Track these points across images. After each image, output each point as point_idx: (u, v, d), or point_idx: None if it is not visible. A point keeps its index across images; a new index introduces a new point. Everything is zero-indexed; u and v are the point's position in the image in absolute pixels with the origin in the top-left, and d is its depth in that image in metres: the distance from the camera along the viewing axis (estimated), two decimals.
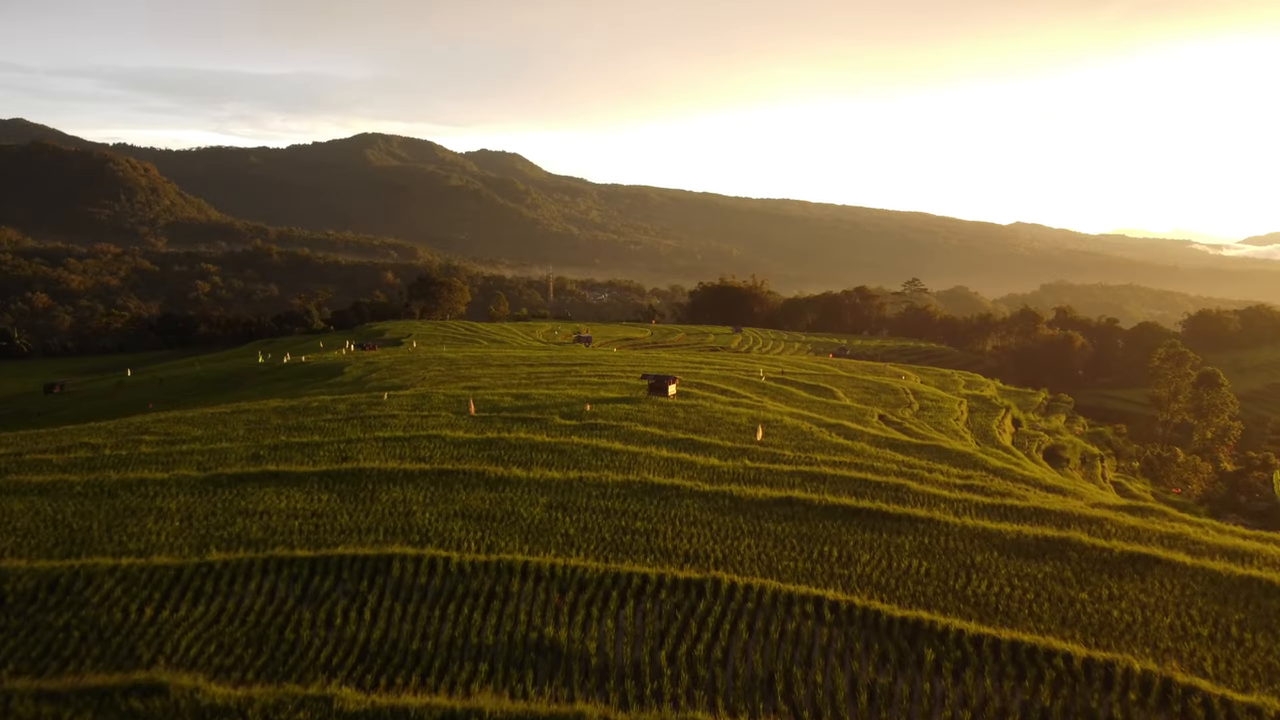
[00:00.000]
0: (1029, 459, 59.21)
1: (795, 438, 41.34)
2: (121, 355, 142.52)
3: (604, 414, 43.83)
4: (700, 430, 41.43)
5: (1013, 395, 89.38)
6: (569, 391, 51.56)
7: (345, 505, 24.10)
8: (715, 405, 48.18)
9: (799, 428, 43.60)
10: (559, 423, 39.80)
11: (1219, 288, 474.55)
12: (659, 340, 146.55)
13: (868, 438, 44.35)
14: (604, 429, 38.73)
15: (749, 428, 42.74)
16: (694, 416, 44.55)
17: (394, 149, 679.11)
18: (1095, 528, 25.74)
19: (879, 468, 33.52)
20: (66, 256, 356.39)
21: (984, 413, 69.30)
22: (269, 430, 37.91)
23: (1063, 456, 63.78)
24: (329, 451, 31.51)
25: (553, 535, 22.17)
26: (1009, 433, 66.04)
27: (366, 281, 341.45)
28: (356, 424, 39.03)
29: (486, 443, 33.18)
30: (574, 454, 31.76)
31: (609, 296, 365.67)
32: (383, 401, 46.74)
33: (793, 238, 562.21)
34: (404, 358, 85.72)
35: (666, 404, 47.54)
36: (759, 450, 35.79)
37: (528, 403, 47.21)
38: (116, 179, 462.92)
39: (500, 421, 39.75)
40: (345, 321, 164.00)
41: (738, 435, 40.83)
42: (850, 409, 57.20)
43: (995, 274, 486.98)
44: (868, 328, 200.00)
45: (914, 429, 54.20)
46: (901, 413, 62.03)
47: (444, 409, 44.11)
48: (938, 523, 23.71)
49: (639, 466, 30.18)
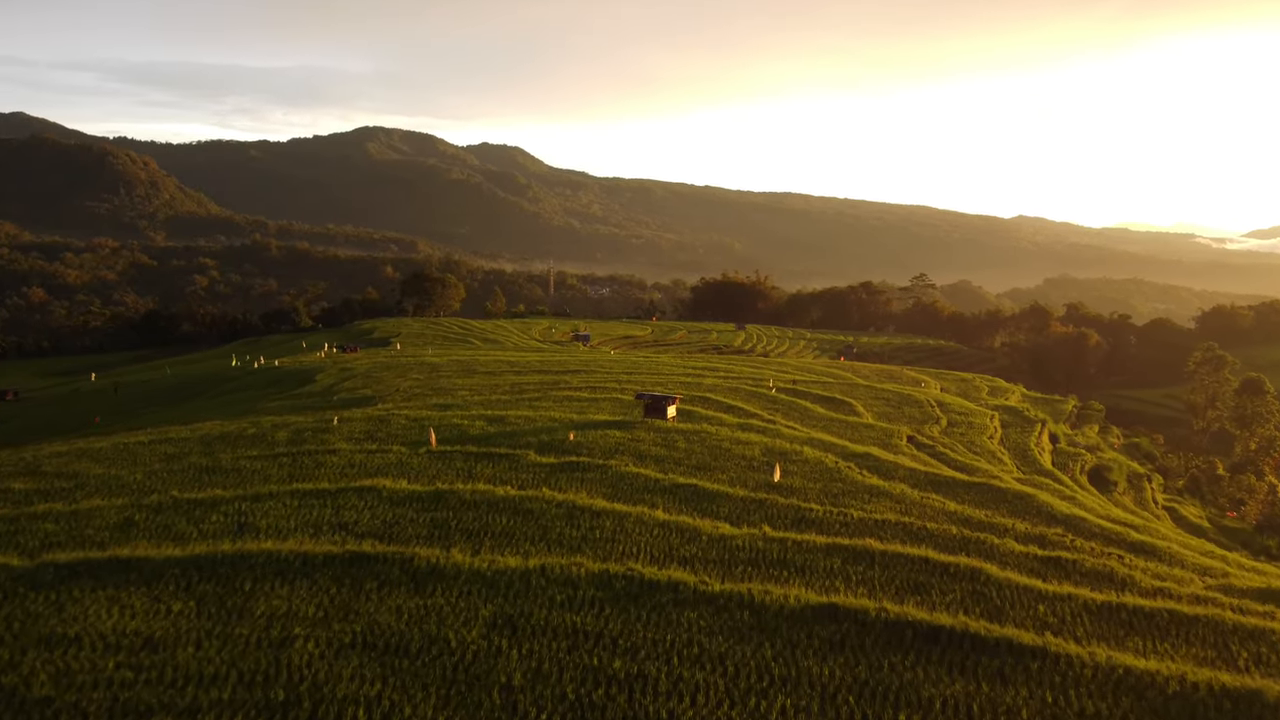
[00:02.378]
0: (1075, 483, 51.67)
1: (820, 476, 33.77)
2: (100, 355, 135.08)
3: (590, 445, 36.27)
4: (705, 468, 33.88)
5: (1040, 403, 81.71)
6: (552, 413, 43.98)
7: (198, 627, 16.52)
8: (722, 430, 40.55)
9: (822, 462, 36.00)
10: (533, 461, 32.23)
11: (1224, 282, 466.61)
12: (659, 339, 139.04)
13: (903, 472, 36.77)
14: (587, 470, 31.15)
15: (763, 463, 35.17)
16: (697, 448, 36.96)
17: (395, 142, 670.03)
18: (1264, 647, 18.16)
19: (935, 532, 25.94)
20: (64, 251, 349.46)
21: (1017, 427, 61.64)
22: (175, 474, 30.41)
23: (1109, 479, 56.24)
24: (223, 516, 23.98)
25: (487, 689, 14.61)
26: (1047, 451, 58.45)
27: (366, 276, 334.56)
28: (285, 464, 31.51)
29: (434, 498, 25.62)
30: (542, 518, 24.19)
31: (610, 291, 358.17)
32: (332, 427, 39.22)
33: (795, 232, 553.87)
34: (384, 362, 78.19)
35: (665, 430, 39.96)
36: (779, 503, 28.22)
37: (502, 428, 39.64)
38: (116, 173, 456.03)
39: (461, 460, 32.19)
40: (335, 319, 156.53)
41: (750, 474, 33.28)
42: (874, 429, 49.60)
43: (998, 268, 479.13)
44: (874, 324, 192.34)
45: (950, 454, 46.61)
46: (930, 430, 54.43)
47: (399, 439, 36.55)
48: (1053, 657, 16.09)
49: (626, 540, 22.59)
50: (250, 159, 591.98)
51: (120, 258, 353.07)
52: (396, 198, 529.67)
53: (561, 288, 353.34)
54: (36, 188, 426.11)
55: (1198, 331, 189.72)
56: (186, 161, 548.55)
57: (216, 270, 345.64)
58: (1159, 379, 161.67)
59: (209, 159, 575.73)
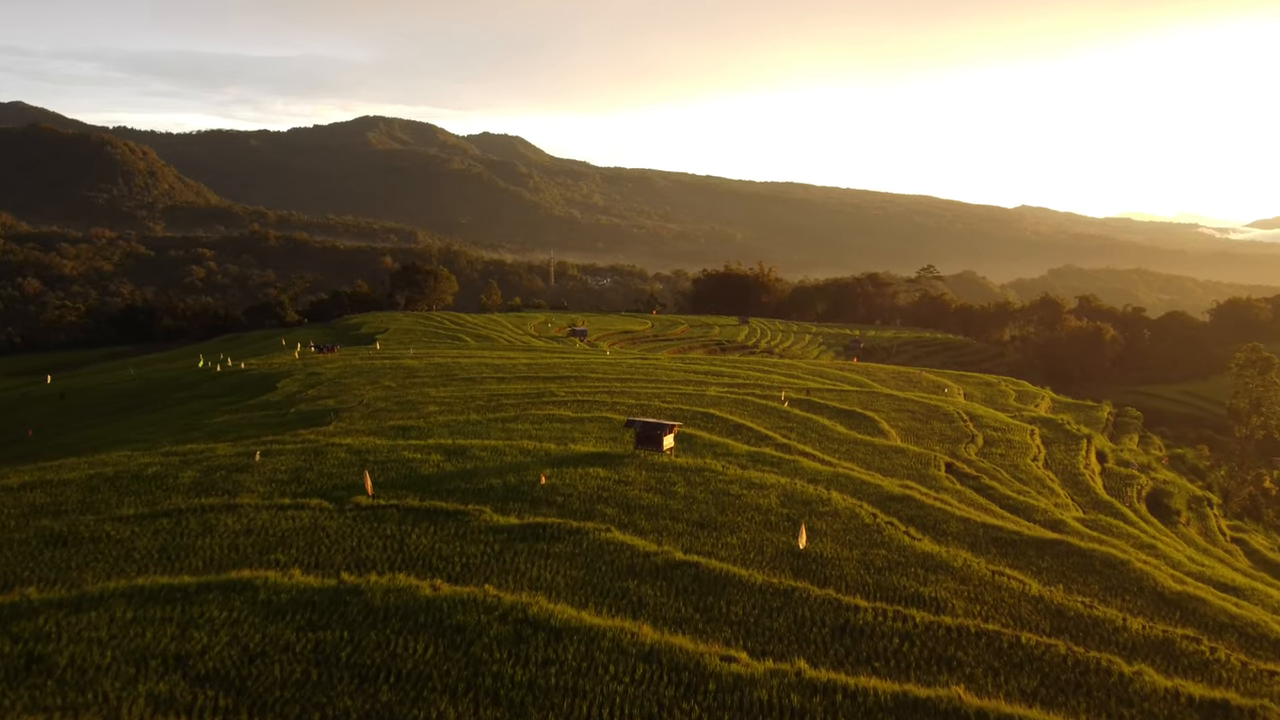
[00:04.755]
0: (1137, 514, 44.04)
1: (856, 539, 26.10)
2: (75, 352, 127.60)
3: (566, 491, 28.60)
4: (710, 525, 26.21)
5: (1073, 411, 73.91)
6: (526, 442, 36.22)
7: None
8: (730, 468, 32.82)
9: (856, 515, 28.29)
10: (487, 523, 24.56)
11: (1228, 272, 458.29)
12: (660, 333, 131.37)
13: (955, 525, 29.10)
14: (556, 539, 23.47)
15: (783, 516, 27.51)
16: (700, 494, 29.25)
17: (395, 132, 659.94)
18: None
19: (1035, 650, 18.28)
20: (60, 241, 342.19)
21: (1060, 444, 53.89)
22: (9, 547, 22.78)
23: (1170, 506, 48.55)
24: (10, 643, 16.34)
25: None
26: (1097, 472, 50.74)
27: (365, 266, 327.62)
28: (161, 533, 23.83)
29: (330, 604, 17.95)
30: (476, 644, 16.50)
31: (611, 281, 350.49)
32: (252, 464, 31.57)
33: (797, 221, 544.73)
34: (357, 366, 70.45)
35: (661, 468, 32.27)
36: (812, 595, 20.52)
37: (461, 465, 31.94)
38: (114, 162, 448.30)
39: (395, 522, 24.52)
40: (324, 313, 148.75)
41: (768, 536, 25.62)
42: (906, 455, 41.89)
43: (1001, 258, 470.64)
44: (880, 317, 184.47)
45: (997, 487, 38.89)
46: (967, 451, 46.75)
47: (326, 485, 28.84)
48: None
49: (592, 695, 14.91)
50: (250, 149, 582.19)
51: (117, 248, 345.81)
52: (397, 188, 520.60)
53: (562, 278, 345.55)
54: (35, 178, 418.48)
55: (1213, 324, 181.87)
56: (186, 151, 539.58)
57: (214, 261, 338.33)
58: (1175, 374, 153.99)
59: (209, 149, 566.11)
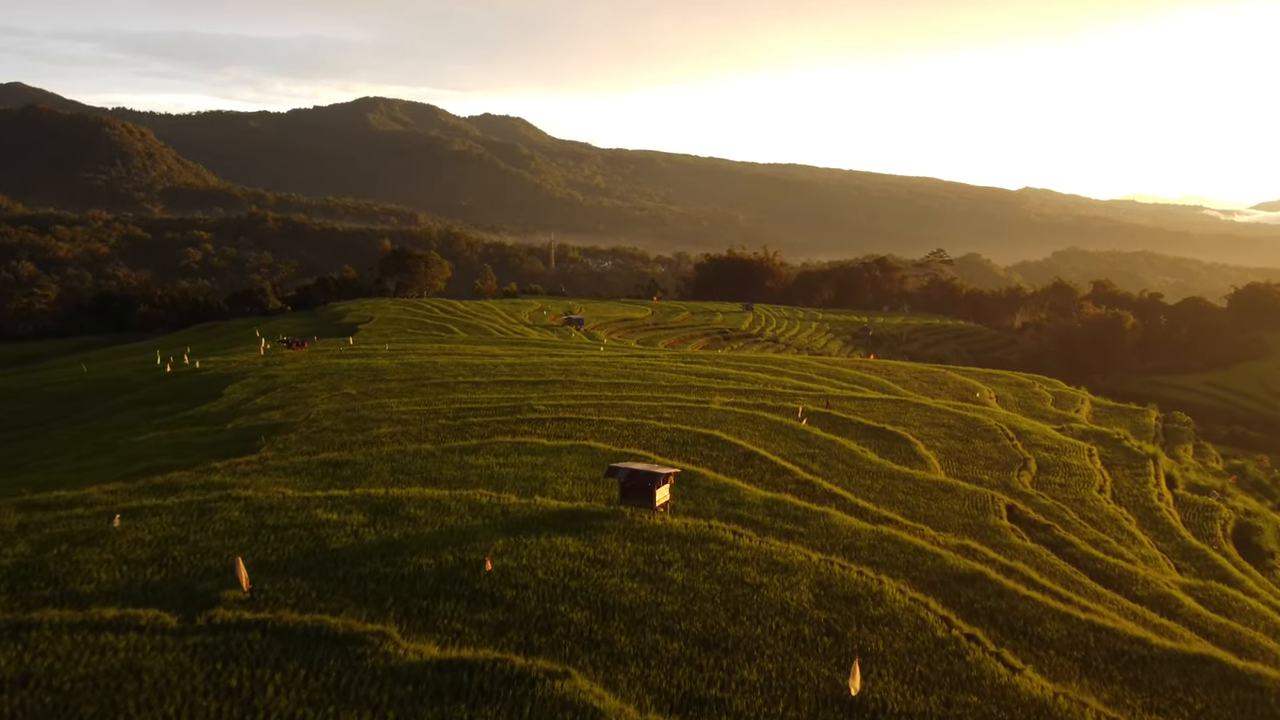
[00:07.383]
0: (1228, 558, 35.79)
1: (930, 672, 17.86)
2: (45, 342, 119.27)
3: (519, 584, 20.28)
4: (716, 645, 17.93)
5: (1116, 415, 65.50)
6: (475, 496, 27.83)
7: None
8: (744, 539, 24.51)
9: (923, 624, 20.00)
10: (385, 663, 16.23)
11: (1233, 254, 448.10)
12: (660, 321, 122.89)
13: (1054, 632, 20.82)
14: (481, 702, 15.21)
15: (818, 626, 19.28)
16: (703, 586, 20.96)
17: (396, 113, 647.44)
18: None
19: None
20: (56, 223, 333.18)
21: (1123, 466, 45.51)
22: None
23: (1260, 545, 40.28)
24: None
25: None
26: (1170, 502, 42.43)
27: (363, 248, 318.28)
28: None
29: None
30: None
31: (612, 265, 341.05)
32: (110, 531, 23.30)
33: (800, 203, 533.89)
34: (320, 368, 61.99)
35: (652, 536, 23.93)
36: None
37: (388, 534, 23.60)
38: (113, 144, 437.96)
39: (248, 661, 16.22)
40: (309, 300, 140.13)
41: (800, 664, 17.38)
42: (957, 496, 33.62)
43: (1006, 240, 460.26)
44: (888, 303, 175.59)
45: (1076, 541, 30.59)
46: (1022, 481, 38.42)
47: (181, 582, 20.54)
48: None
49: None
50: (250, 130, 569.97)
51: (113, 230, 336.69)
52: (397, 169, 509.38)
53: (563, 261, 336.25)
54: (32, 159, 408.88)
55: (1232, 310, 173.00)
56: (185, 133, 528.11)
57: (211, 243, 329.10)
58: (1195, 363, 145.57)
59: (208, 130, 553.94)
